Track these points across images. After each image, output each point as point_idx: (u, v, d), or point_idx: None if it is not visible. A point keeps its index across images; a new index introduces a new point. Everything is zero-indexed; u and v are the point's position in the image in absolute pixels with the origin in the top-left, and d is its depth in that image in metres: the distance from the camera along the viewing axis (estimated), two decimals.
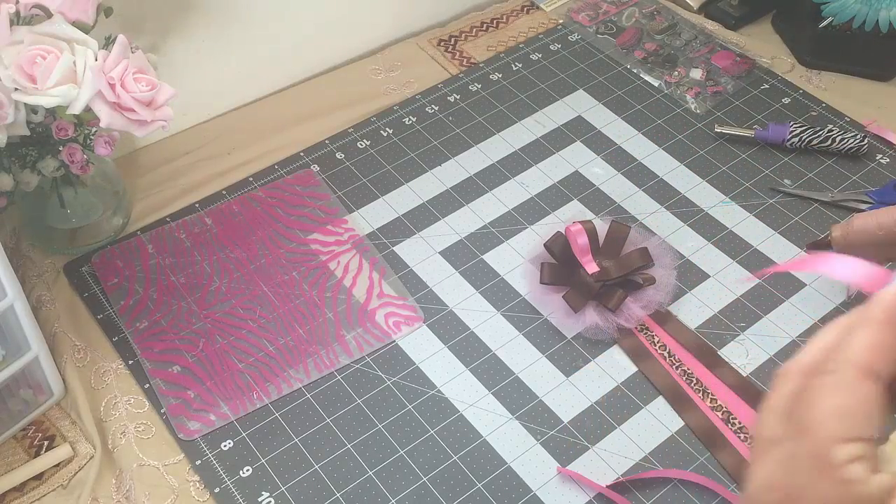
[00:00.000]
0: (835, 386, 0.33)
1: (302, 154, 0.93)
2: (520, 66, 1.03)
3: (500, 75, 1.02)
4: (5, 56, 0.64)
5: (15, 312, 0.66)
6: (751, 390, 0.73)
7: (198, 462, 0.69)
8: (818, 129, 0.92)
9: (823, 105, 0.98)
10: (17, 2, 0.66)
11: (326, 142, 0.94)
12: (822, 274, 0.38)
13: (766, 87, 1.01)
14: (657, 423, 0.72)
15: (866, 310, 0.34)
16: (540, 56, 1.04)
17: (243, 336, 0.77)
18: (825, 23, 1.01)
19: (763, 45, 1.07)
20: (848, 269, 0.36)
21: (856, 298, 0.80)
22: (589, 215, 0.87)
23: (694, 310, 0.79)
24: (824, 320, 0.79)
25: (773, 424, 0.35)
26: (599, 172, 0.91)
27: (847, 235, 0.74)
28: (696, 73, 1.02)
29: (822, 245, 0.78)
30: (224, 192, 0.89)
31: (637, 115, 0.97)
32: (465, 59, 1.04)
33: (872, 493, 0.31)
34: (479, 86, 1.01)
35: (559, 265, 0.79)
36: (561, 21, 1.09)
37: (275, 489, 0.68)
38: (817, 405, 0.33)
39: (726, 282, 0.81)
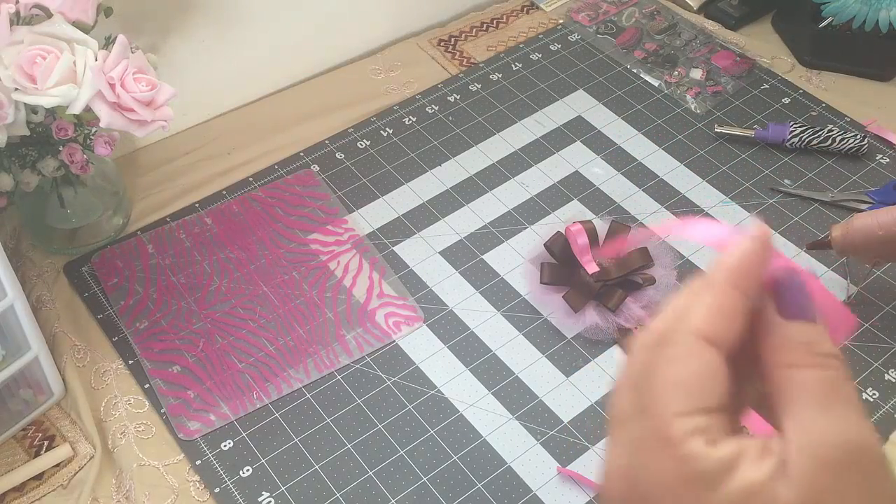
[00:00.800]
0: (674, 357, 0.30)
1: (302, 154, 0.93)
2: (520, 66, 1.03)
3: (500, 75, 1.02)
4: (5, 56, 0.64)
5: (15, 312, 0.66)
6: None
7: (198, 462, 0.69)
8: (818, 129, 0.92)
9: (823, 105, 0.98)
10: (17, 2, 0.66)
11: (326, 142, 0.94)
12: (686, 238, 0.37)
13: (766, 87, 1.01)
14: None
15: (710, 274, 0.32)
16: (540, 56, 1.04)
17: (243, 336, 0.77)
18: (825, 23, 1.01)
19: (763, 45, 1.07)
20: (705, 232, 0.34)
21: (855, 298, 0.80)
22: (589, 215, 0.87)
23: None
24: None
25: (622, 403, 0.32)
26: (599, 172, 0.91)
27: (847, 235, 0.74)
28: (696, 73, 1.02)
29: (821, 245, 0.78)
30: (224, 192, 0.89)
31: (637, 115, 0.97)
32: (465, 59, 1.04)
33: (711, 467, 0.28)
34: (479, 86, 1.01)
35: (559, 265, 0.79)
36: (561, 21, 1.09)
37: (275, 489, 0.68)
38: (658, 379, 0.30)
39: None
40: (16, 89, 0.65)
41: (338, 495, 0.68)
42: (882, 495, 0.29)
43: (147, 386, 0.74)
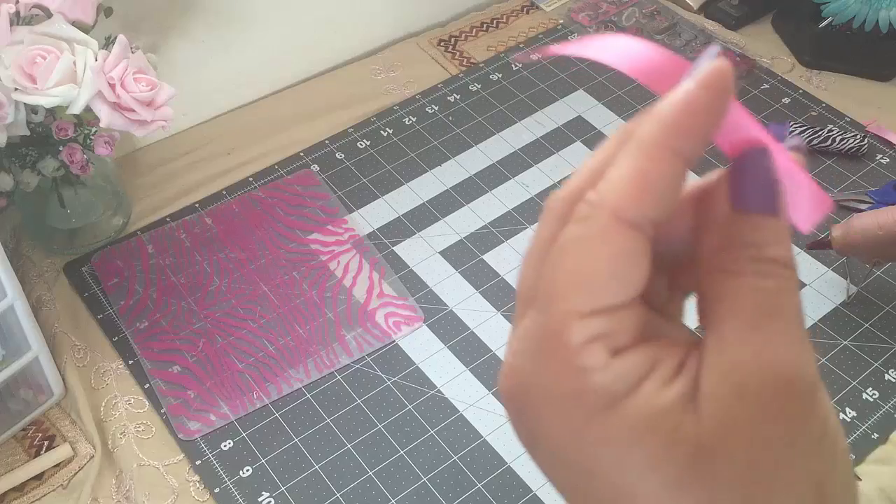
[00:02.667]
0: (581, 238, 0.23)
1: (302, 154, 0.93)
2: (520, 65, 1.03)
3: (500, 75, 1.02)
4: (5, 56, 0.64)
5: (15, 312, 0.66)
6: None
7: (198, 462, 0.69)
8: (818, 129, 0.92)
9: (823, 105, 0.98)
10: (17, 2, 0.66)
11: (326, 142, 0.94)
12: (592, 58, 0.25)
13: (766, 87, 1.01)
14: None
15: (636, 127, 0.24)
16: (540, 56, 1.04)
17: (243, 336, 0.77)
18: (825, 23, 1.01)
19: (763, 45, 1.07)
20: (622, 52, 0.24)
21: (855, 298, 0.80)
22: None
23: (694, 309, 0.79)
24: (824, 321, 0.79)
25: (525, 284, 0.26)
26: None
27: (847, 235, 0.74)
28: None
29: (821, 245, 0.78)
30: (224, 192, 0.89)
31: (637, 116, 0.97)
32: (465, 59, 1.04)
33: (607, 383, 0.23)
34: (479, 86, 1.01)
35: None
36: (561, 21, 1.09)
37: (275, 489, 0.68)
38: (560, 265, 0.24)
39: None
40: (16, 89, 0.65)
41: (338, 495, 0.68)
42: (806, 441, 0.23)
43: (147, 386, 0.74)
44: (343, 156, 0.93)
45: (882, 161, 0.92)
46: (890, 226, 0.72)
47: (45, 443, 0.71)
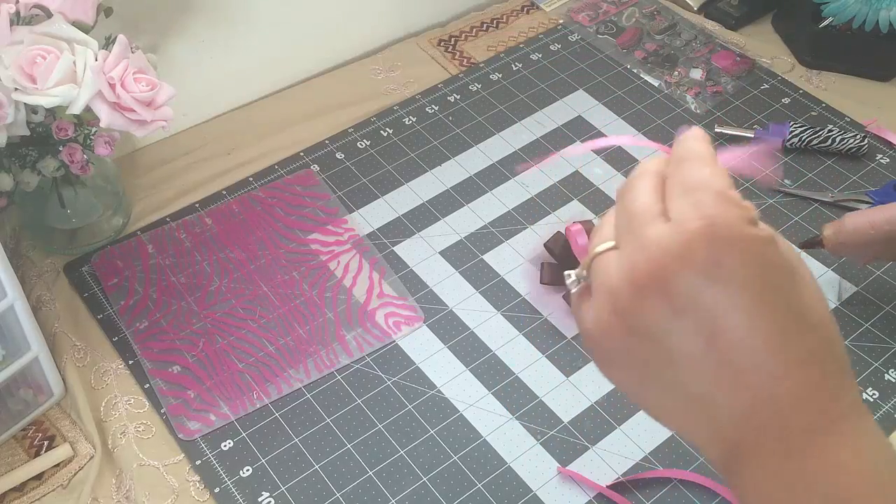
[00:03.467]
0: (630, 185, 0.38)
1: (302, 154, 0.93)
2: (520, 66, 1.03)
3: (500, 75, 1.02)
4: (5, 56, 0.64)
5: (15, 312, 0.66)
6: None
7: (198, 462, 0.69)
8: (818, 129, 0.92)
9: (823, 105, 0.98)
10: (17, 2, 0.66)
11: (326, 142, 0.94)
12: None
13: (766, 87, 1.01)
14: (657, 423, 0.72)
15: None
16: (540, 56, 1.04)
17: (243, 336, 0.77)
18: (825, 23, 1.01)
19: (763, 45, 1.07)
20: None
21: (854, 297, 0.80)
22: (589, 215, 0.87)
23: None
24: None
25: (606, 231, 0.38)
26: (599, 172, 0.91)
27: (839, 234, 0.74)
28: (696, 73, 1.02)
29: (813, 244, 0.78)
30: (224, 192, 0.89)
31: (637, 115, 0.97)
32: (465, 59, 1.04)
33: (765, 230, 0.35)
34: (479, 86, 1.01)
35: (559, 265, 0.79)
36: (561, 21, 1.09)
37: (275, 489, 0.68)
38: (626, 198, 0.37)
39: None
40: (16, 89, 0.65)
41: (338, 495, 0.68)
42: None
43: (147, 386, 0.74)
44: (343, 156, 0.93)
45: (882, 161, 0.92)
46: (881, 225, 0.72)
47: (45, 443, 0.71)
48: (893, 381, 0.74)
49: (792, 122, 0.93)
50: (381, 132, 0.95)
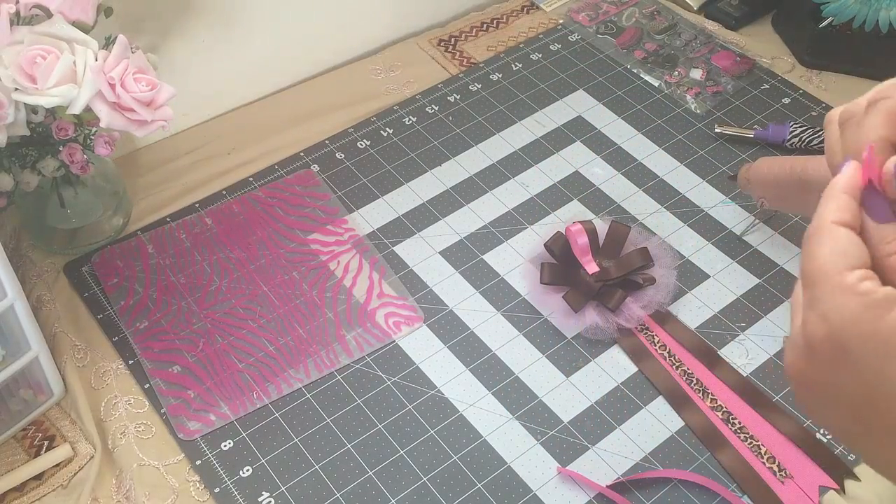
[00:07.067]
0: (822, 240, 0.39)
1: (302, 154, 0.93)
2: (520, 66, 1.03)
3: (500, 75, 1.02)
4: (5, 56, 0.64)
5: (15, 312, 0.66)
6: (751, 390, 0.73)
7: (198, 462, 0.69)
8: (818, 129, 0.92)
9: (823, 105, 0.98)
10: (17, 2, 0.66)
11: (326, 142, 0.94)
12: None
13: (766, 87, 1.01)
14: (657, 423, 0.72)
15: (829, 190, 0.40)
16: (540, 56, 1.04)
17: (243, 336, 0.77)
18: (825, 23, 1.00)
19: (763, 45, 1.07)
20: None
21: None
22: (589, 215, 0.87)
23: (694, 310, 0.79)
24: None
25: (796, 297, 0.40)
26: (599, 172, 0.91)
27: (749, 170, 0.79)
28: (696, 73, 1.02)
29: (734, 178, 0.83)
30: (224, 192, 0.89)
31: (637, 115, 0.97)
32: (465, 59, 1.04)
33: (882, 296, 0.36)
34: (479, 86, 1.01)
35: (559, 265, 0.79)
36: (561, 21, 1.09)
37: (275, 489, 0.68)
38: (817, 257, 0.38)
39: (726, 282, 0.81)
40: (16, 89, 0.65)
41: (338, 495, 0.68)
42: None
43: (147, 386, 0.74)
44: (343, 156, 0.93)
45: None
46: (798, 167, 0.71)
47: (45, 443, 0.71)
48: None
49: (792, 122, 0.93)
50: (381, 132, 0.95)
